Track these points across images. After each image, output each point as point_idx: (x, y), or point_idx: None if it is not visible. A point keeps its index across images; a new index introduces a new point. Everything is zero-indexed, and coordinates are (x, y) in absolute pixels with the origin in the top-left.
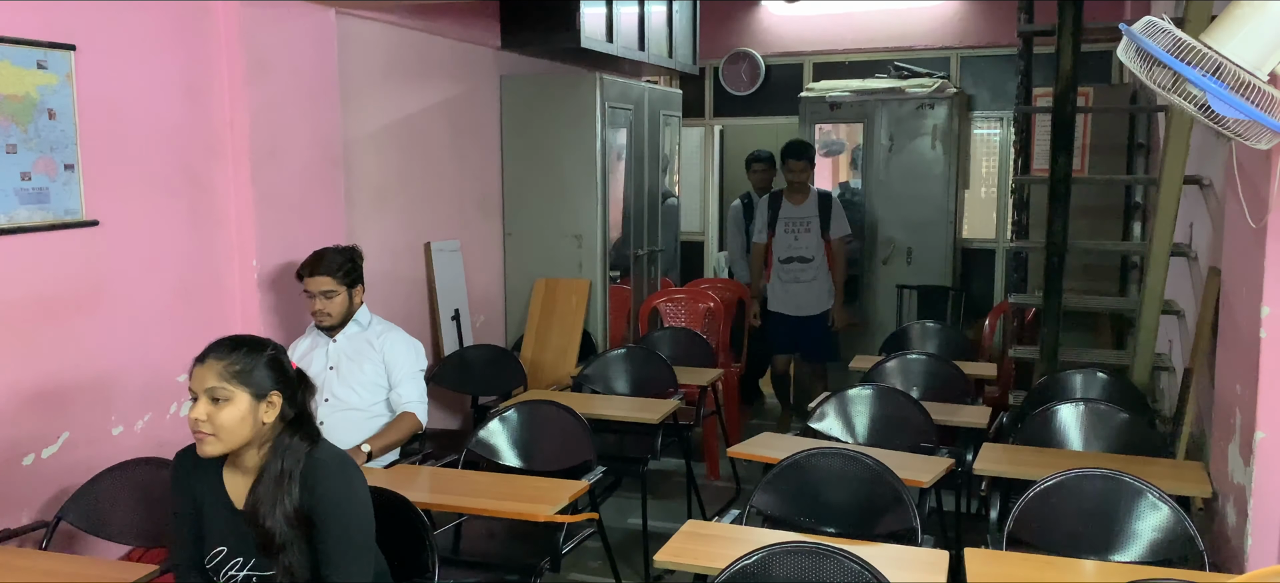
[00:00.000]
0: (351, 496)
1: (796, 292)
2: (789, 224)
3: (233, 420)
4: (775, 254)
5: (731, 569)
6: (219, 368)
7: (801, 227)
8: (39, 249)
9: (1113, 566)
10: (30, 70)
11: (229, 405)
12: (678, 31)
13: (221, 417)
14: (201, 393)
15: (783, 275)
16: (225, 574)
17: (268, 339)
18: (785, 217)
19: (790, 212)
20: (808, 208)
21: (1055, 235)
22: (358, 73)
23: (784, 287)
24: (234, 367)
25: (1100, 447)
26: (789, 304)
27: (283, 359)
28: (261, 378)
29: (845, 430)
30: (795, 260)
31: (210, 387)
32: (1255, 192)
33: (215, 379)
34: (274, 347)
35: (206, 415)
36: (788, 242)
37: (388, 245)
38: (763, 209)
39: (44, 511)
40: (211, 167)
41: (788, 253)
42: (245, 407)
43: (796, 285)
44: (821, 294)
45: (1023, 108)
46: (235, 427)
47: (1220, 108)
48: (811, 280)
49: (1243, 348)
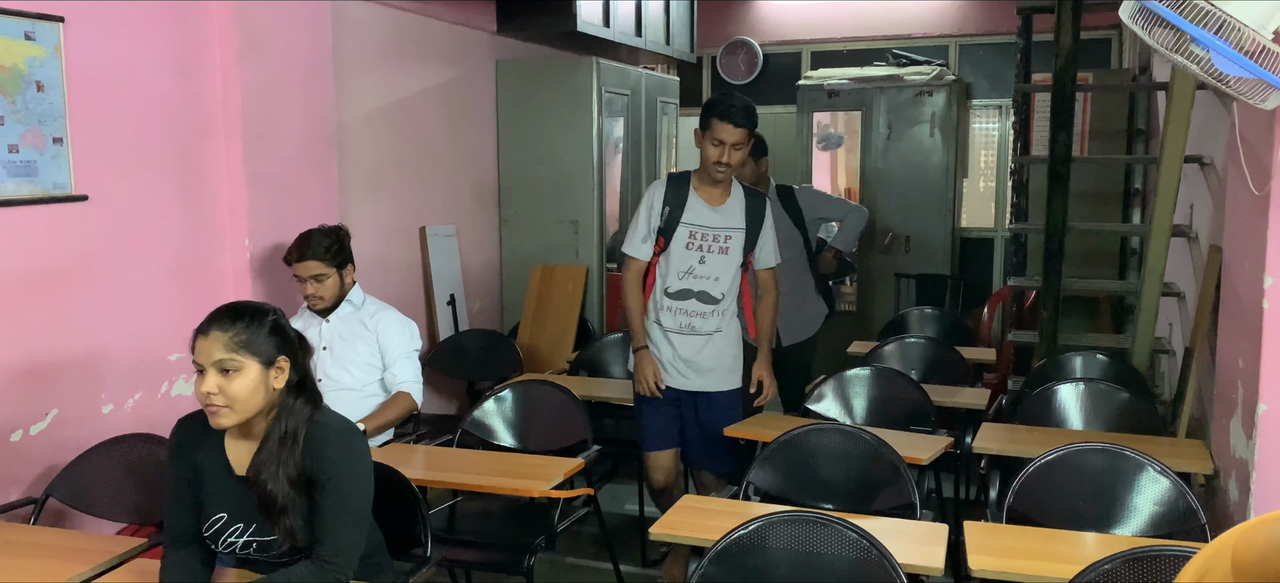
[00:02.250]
0: (354, 462)
1: (688, 348)
2: (695, 234)
3: (245, 391)
4: (660, 280)
5: (728, 539)
6: (224, 339)
7: (712, 242)
8: (27, 223)
9: (1114, 538)
10: (18, 41)
11: (240, 376)
12: (675, 19)
13: (233, 388)
14: (209, 365)
15: (668, 318)
16: (225, 541)
17: (266, 304)
18: (691, 221)
19: (700, 214)
20: (730, 212)
21: (1055, 217)
22: (352, 54)
23: (668, 338)
24: (240, 336)
25: (1100, 426)
26: (676, 367)
27: (284, 323)
28: (268, 344)
29: (843, 412)
30: (693, 296)
31: (219, 358)
32: (1258, 160)
33: (222, 351)
34: (274, 311)
35: (218, 388)
36: (686, 262)
37: (382, 230)
38: (652, 201)
39: (32, 488)
40: (203, 145)
41: (681, 282)
42: (256, 375)
43: (689, 338)
44: (728, 359)
45: (1022, 86)
46: (248, 397)
47: (1224, 66)
48: (712, 334)
49: (1245, 322)
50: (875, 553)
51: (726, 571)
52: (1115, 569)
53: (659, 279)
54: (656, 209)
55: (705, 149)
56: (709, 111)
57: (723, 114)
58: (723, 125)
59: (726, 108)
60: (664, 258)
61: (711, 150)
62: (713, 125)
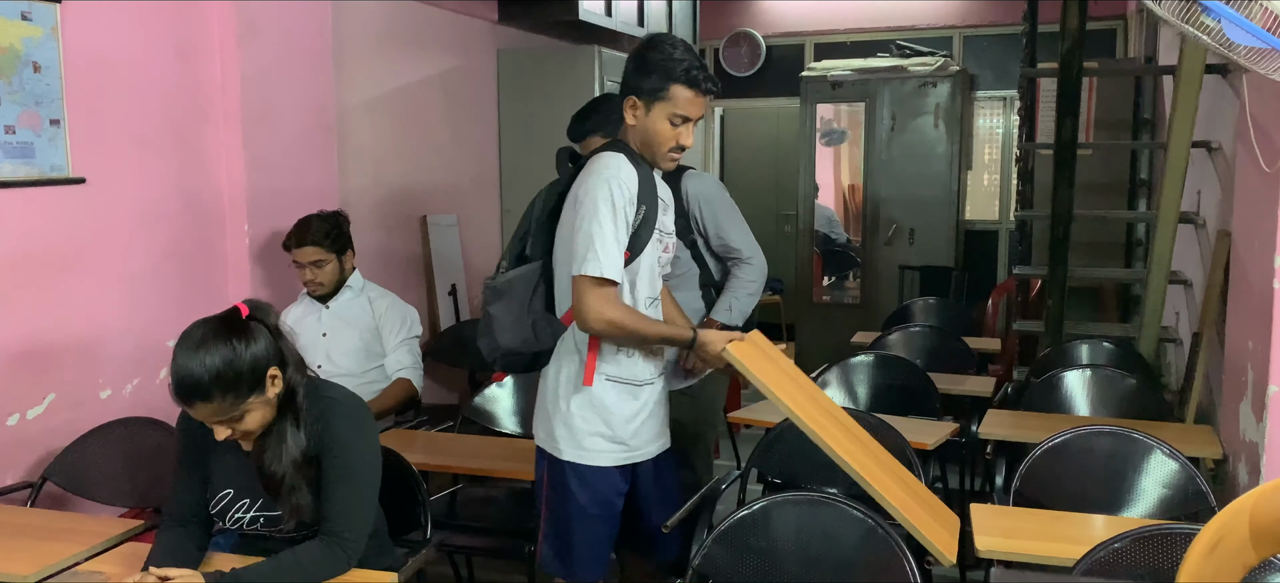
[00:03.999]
0: (362, 438)
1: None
2: (665, 243)
3: (257, 421)
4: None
5: (731, 519)
6: (215, 408)
7: (665, 251)
8: (24, 205)
9: (1122, 520)
10: (14, 21)
11: (248, 415)
12: (677, 10)
13: (246, 426)
14: (214, 425)
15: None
16: (231, 516)
17: (230, 331)
18: (662, 225)
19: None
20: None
21: (1061, 204)
22: (352, 41)
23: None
24: (226, 401)
25: (1107, 413)
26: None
27: (256, 345)
28: (255, 377)
29: (847, 399)
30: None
31: (218, 421)
32: (1268, 139)
33: (219, 416)
34: (240, 342)
35: (232, 431)
36: (656, 283)
37: (383, 218)
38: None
39: (29, 472)
40: (202, 129)
41: (655, 312)
42: (259, 407)
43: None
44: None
45: (1028, 71)
46: (261, 423)
47: (1235, 35)
48: (661, 377)
49: (1254, 303)
50: (881, 532)
51: (730, 550)
52: (1125, 548)
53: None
54: (631, 206)
55: (655, 126)
56: (667, 76)
57: (691, 80)
58: (688, 95)
59: (695, 72)
60: (627, 283)
61: (665, 129)
62: (672, 95)
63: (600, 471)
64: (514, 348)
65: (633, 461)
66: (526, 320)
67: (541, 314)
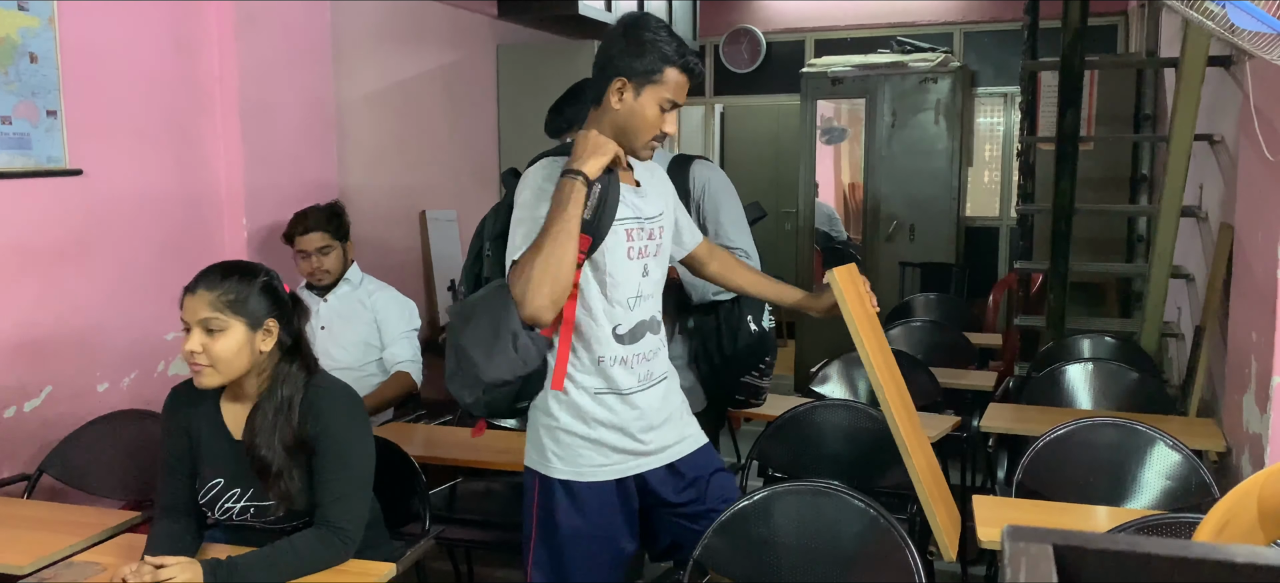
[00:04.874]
0: (353, 427)
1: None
2: (633, 234)
3: (229, 351)
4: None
5: (732, 510)
6: (211, 297)
7: (649, 240)
8: (20, 196)
9: (1125, 511)
10: (10, 11)
11: (224, 336)
12: (678, 6)
13: (217, 347)
14: (195, 324)
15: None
16: (222, 506)
17: (260, 265)
18: (625, 215)
19: (630, 200)
20: (650, 186)
21: (1062, 197)
22: (351, 34)
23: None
24: (227, 296)
25: (1109, 406)
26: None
27: (276, 285)
28: (256, 306)
29: (848, 392)
30: (646, 329)
31: (204, 317)
32: (1272, 129)
33: (208, 309)
34: (267, 273)
35: (202, 347)
36: (632, 282)
37: (382, 213)
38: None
39: (26, 464)
40: (200, 121)
41: (634, 313)
42: (241, 336)
43: (650, 392)
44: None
45: (1030, 64)
46: (232, 357)
47: (1240, 21)
48: (668, 373)
49: (1258, 295)
50: (883, 522)
51: (731, 541)
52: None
53: (591, 319)
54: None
55: (644, 111)
56: (663, 58)
57: (686, 65)
58: (680, 79)
59: (688, 56)
60: (594, 281)
61: (654, 114)
62: (666, 78)
63: (594, 487)
64: (498, 379)
65: (639, 471)
66: (506, 339)
67: (521, 328)
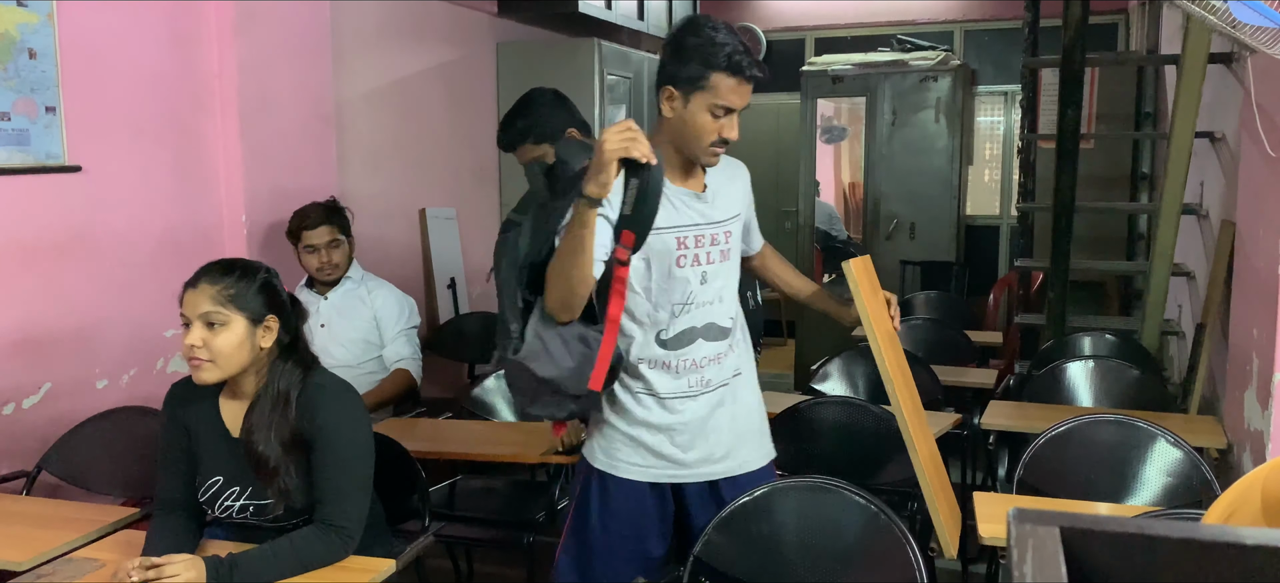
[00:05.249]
0: (352, 425)
1: (703, 414)
2: (685, 241)
3: (229, 346)
4: (640, 328)
5: (732, 506)
6: (212, 292)
7: (712, 245)
8: (19, 192)
9: (1127, 508)
10: (9, 6)
11: (225, 331)
12: (678, 3)
13: (217, 342)
14: (195, 319)
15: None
16: (221, 504)
17: (260, 262)
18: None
19: (688, 207)
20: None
21: (1063, 195)
22: (351, 31)
23: (667, 407)
24: (228, 291)
25: (1110, 403)
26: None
27: (276, 283)
28: (257, 302)
29: (848, 389)
30: (698, 335)
31: (204, 312)
32: (1274, 124)
33: (209, 303)
34: (267, 270)
35: (202, 341)
36: (683, 289)
37: (381, 210)
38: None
39: (25, 461)
40: (199, 118)
41: (680, 320)
42: (241, 332)
43: (701, 400)
44: (759, 416)
45: (1031, 61)
46: (232, 352)
47: (1242, 15)
48: (733, 379)
49: (1259, 291)
50: (884, 519)
51: (731, 537)
52: None
53: (634, 321)
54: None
55: (695, 119)
56: (707, 63)
57: (734, 66)
58: (731, 83)
59: (738, 57)
60: (639, 285)
61: (706, 122)
62: (714, 84)
63: (627, 484)
64: (578, 388)
65: (675, 481)
66: (574, 345)
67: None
